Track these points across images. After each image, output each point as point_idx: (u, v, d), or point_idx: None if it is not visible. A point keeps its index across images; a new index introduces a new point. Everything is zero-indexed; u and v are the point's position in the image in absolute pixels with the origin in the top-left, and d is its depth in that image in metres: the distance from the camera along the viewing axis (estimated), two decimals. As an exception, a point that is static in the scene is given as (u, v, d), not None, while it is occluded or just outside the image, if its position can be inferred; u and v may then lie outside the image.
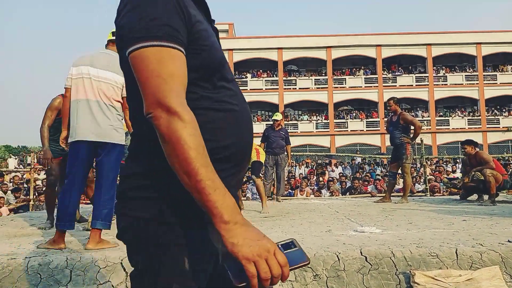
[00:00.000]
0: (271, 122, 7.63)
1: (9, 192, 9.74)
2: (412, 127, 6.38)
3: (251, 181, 10.91)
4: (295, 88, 30.58)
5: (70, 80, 3.11)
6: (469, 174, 6.48)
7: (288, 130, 8.97)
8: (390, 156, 7.03)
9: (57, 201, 4.46)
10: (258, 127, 30.43)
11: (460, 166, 15.59)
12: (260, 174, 6.63)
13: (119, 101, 3.12)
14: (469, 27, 78.13)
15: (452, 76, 31.15)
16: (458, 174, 13.22)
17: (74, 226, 3.17)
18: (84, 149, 3.00)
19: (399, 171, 6.57)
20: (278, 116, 7.50)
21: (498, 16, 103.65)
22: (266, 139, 7.36)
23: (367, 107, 31.65)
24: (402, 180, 7.26)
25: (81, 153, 3.01)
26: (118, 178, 3.05)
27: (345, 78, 31.12)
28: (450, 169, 13.88)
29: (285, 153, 7.50)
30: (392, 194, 6.93)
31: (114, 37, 3.26)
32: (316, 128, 30.37)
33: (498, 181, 6.09)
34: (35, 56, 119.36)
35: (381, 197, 7.06)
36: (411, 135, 6.43)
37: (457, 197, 7.66)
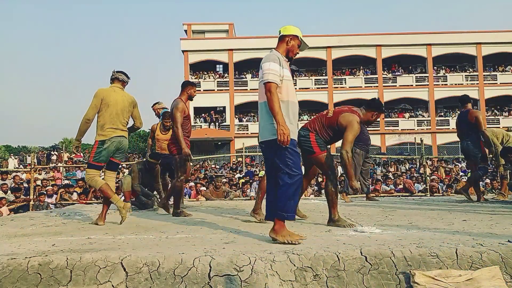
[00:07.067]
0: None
1: (9, 192, 9.75)
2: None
3: (254, 179, 10.92)
4: (295, 88, 30.52)
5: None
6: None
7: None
8: (390, 156, 7.04)
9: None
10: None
11: (463, 164, 15.58)
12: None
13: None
14: (469, 27, 78.22)
15: (452, 76, 31.17)
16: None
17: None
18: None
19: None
20: None
21: (498, 16, 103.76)
22: (360, 134, 6.89)
23: (367, 107, 31.63)
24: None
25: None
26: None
27: (345, 78, 31.14)
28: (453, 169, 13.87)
29: None
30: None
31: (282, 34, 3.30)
32: (316, 128, 30.34)
33: None
34: (35, 55, 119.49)
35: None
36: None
37: (456, 197, 7.61)
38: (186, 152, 4.94)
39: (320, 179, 11.50)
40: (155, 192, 7.91)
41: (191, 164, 5.52)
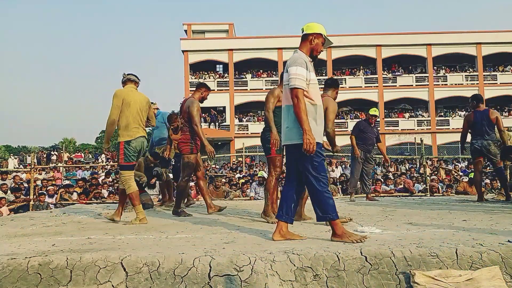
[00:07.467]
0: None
1: (9, 192, 9.75)
2: None
3: (254, 180, 10.91)
4: (296, 88, 30.54)
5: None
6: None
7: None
8: (390, 156, 7.08)
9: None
10: (259, 127, 30.45)
11: (463, 164, 15.60)
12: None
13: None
14: (469, 27, 78.24)
15: (452, 76, 31.16)
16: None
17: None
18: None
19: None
20: (377, 112, 7.36)
21: (498, 16, 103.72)
22: (361, 133, 7.14)
23: (367, 107, 31.62)
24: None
25: None
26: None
27: (345, 78, 31.11)
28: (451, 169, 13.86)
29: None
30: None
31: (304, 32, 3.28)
32: (316, 128, 30.35)
33: None
34: (35, 55, 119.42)
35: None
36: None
37: (456, 197, 7.61)
38: (210, 149, 5.07)
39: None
40: (156, 191, 7.90)
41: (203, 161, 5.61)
